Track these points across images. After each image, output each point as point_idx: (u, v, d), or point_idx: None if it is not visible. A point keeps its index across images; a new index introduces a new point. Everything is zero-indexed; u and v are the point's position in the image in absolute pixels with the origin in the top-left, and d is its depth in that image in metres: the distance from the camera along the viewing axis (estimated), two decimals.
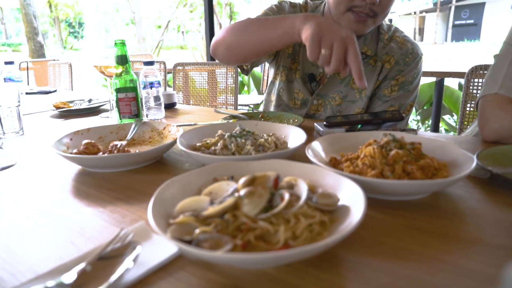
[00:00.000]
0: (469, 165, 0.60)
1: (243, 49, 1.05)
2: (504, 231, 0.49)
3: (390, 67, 1.15)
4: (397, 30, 1.20)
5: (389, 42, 1.16)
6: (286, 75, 1.26)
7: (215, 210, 0.46)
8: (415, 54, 1.15)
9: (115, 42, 1.02)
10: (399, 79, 1.15)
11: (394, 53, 1.15)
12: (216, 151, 0.77)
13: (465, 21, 16.20)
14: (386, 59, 1.15)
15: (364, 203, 0.46)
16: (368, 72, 1.16)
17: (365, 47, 1.15)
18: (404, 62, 1.14)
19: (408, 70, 1.14)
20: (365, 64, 1.17)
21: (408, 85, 1.15)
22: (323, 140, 0.76)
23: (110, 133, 0.93)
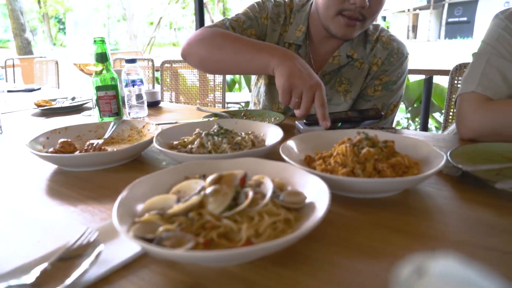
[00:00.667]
0: (439, 163, 0.60)
1: (217, 67, 1.10)
2: (467, 228, 0.50)
3: (377, 68, 1.15)
4: (383, 30, 1.20)
5: (376, 44, 1.16)
6: (268, 78, 1.26)
7: (180, 208, 0.46)
8: (400, 54, 1.15)
9: (94, 39, 1.01)
10: (382, 78, 1.15)
11: (381, 54, 1.15)
12: (192, 149, 0.77)
13: (458, 19, 16.31)
14: (373, 61, 1.15)
15: (327, 200, 0.46)
16: (354, 75, 1.17)
17: (352, 50, 1.15)
18: (389, 62, 1.15)
19: (393, 70, 1.15)
20: (351, 67, 1.17)
21: (392, 84, 1.15)
22: (299, 139, 0.76)
23: (89, 132, 0.92)
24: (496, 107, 0.84)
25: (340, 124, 0.97)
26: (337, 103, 1.19)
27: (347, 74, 1.17)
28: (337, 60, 1.15)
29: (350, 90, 1.17)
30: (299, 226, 0.46)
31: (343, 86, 1.17)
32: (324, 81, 1.18)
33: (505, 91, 0.87)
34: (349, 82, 1.17)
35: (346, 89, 1.17)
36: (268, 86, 1.26)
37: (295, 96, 0.88)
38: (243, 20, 1.19)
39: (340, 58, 1.15)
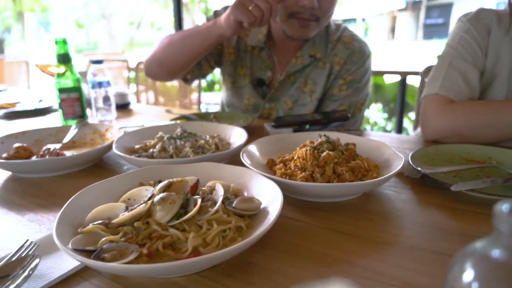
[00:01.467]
0: (398, 165, 0.60)
1: (175, 61, 1.11)
2: (420, 232, 0.50)
3: (340, 68, 1.15)
4: (345, 30, 1.20)
5: (337, 43, 1.16)
6: (232, 82, 1.26)
7: (125, 218, 0.44)
8: (362, 53, 1.16)
9: (55, 40, 0.97)
10: (346, 78, 1.15)
11: (342, 53, 1.15)
12: (154, 153, 0.75)
13: (435, 21, 16.70)
14: (335, 61, 1.16)
15: (279, 207, 0.45)
16: (317, 74, 1.17)
17: (314, 49, 1.15)
18: (352, 61, 1.15)
19: (355, 68, 1.15)
20: (314, 66, 1.17)
21: (357, 83, 1.16)
22: (262, 142, 0.75)
23: (49, 136, 0.89)
24: (457, 110, 0.85)
25: (308, 126, 0.97)
26: (303, 104, 1.19)
27: (312, 75, 1.17)
28: (300, 60, 1.16)
29: (315, 91, 1.18)
30: (251, 234, 0.45)
31: (308, 86, 1.18)
32: (290, 82, 1.19)
33: (466, 92, 0.89)
34: (314, 83, 1.17)
35: (312, 89, 1.18)
36: (233, 89, 1.26)
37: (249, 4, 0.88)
38: None
39: (303, 58, 1.15)
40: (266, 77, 1.21)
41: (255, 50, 1.21)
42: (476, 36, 0.91)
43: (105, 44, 13.48)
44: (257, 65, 1.21)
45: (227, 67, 1.26)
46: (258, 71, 1.21)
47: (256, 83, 1.22)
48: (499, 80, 0.90)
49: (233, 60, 1.24)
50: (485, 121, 0.81)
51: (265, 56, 1.19)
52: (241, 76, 1.24)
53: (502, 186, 0.59)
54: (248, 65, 1.22)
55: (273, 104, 1.22)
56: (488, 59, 0.91)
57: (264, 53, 1.19)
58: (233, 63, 1.24)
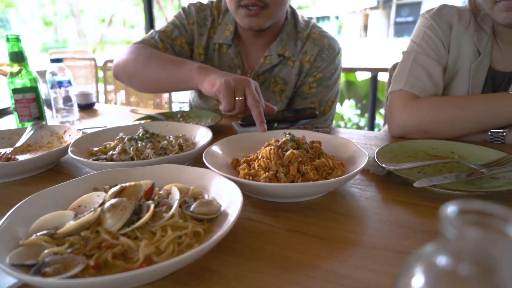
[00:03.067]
0: (363, 162, 0.60)
1: (145, 85, 1.09)
2: (384, 231, 0.49)
3: (310, 66, 1.14)
4: (314, 26, 1.18)
5: (306, 41, 1.15)
6: None
7: (72, 227, 0.41)
8: (331, 50, 1.14)
9: (6, 37, 0.91)
10: (316, 75, 1.14)
11: (312, 51, 1.14)
12: (113, 156, 0.71)
13: (405, 19, 17.18)
14: (305, 59, 1.14)
15: (238, 211, 0.43)
16: (287, 73, 1.15)
17: (282, 48, 1.13)
18: (321, 58, 1.14)
19: (325, 66, 1.14)
20: (283, 65, 1.15)
21: (327, 80, 1.15)
22: (226, 141, 0.73)
23: (1, 140, 0.83)
24: (422, 105, 0.86)
25: (276, 125, 0.95)
26: (274, 103, 1.17)
27: (281, 74, 1.15)
28: (269, 60, 1.13)
29: (285, 90, 1.16)
30: (209, 239, 0.43)
31: (279, 86, 1.16)
32: (259, 82, 1.16)
33: (430, 88, 0.90)
34: (284, 82, 1.16)
35: (282, 88, 1.16)
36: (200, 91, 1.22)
37: (239, 94, 0.80)
38: (171, 29, 1.16)
39: (271, 57, 1.13)
40: None
41: (223, 48, 1.18)
42: (438, 32, 0.92)
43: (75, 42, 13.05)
44: (226, 64, 1.19)
45: None
46: (227, 70, 1.18)
47: None
48: (460, 76, 0.92)
49: (203, 61, 1.20)
50: (448, 116, 0.82)
51: (233, 53, 1.16)
52: None
53: (465, 181, 0.60)
54: (216, 64, 1.19)
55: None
56: (450, 55, 0.93)
57: (232, 51, 1.16)
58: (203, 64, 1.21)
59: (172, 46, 1.15)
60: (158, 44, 1.12)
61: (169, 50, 1.15)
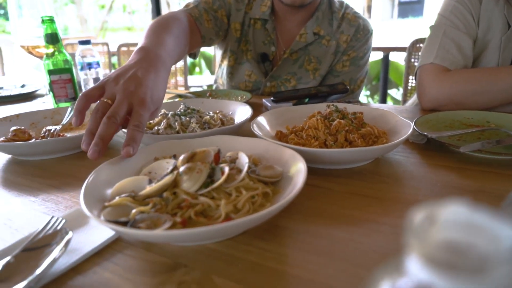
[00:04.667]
0: (406, 131, 0.62)
1: None
2: (436, 191, 0.52)
3: (346, 45, 1.16)
4: (348, 7, 1.20)
5: (342, 21, 1.16)
6: (234, 59, 1.23)
7: (153, 189, 0.44)
8: (366, 31, 1.17)
9: (42, 19, 0.93)
10: (350, 54, 1.16)
11: (348, 31, 1.16)
12: (159, 131, 0.74)
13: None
14: (342, 39, 1.16)
15: (304, 172, 0.46)
16: (321, 52, 1.17)
17: (318, 27, 1.14)
18: (356, 38, 1.16)
19: (359, 45, 1.16)
20: (317, 44, 1.16)
21: (359, 60, 1.17)
22: (269, 115, 0.75)
23: (44, 119, 0.86)
24: (453, 77, 0.88)
25: (307, 100, 0.97)
26: (306, 82, 1.19)
27: (315, 52, 1.17)
28: (304, 38, 1.15)
29: (319, 68, 1.18)
30: (277, 199, 0.46)
31: (312, 64, 1.17)
32: (293, 60, 1.18)
33: (461, 61, 0.91)
34: (318, 60, 1.17)
35: (315, 67, 1.18)
36: (233, 66, 1.23)
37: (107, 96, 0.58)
38: (212, 1, 1.15)
39: (307, 35, 1.14)
40: (270, 52, 1.19)
41: (258, 23, 1.18)
42: (468, 4, 0.93)
43: (75, 30, 12.95)
44: (260, 40, 1.19)
45: (232, 44, 1.22)
46: (262, 46, 1.19)
47: (260, 58, 1.20)
48: (490, 48, 0.93)
49: (238, 37, 1.21)
50: (480, 87, 0.84)
51: (270, 29, 1.16)
52: (243, 51, 1.21)
53: (506, 146, 0.62)
54: (251, 39, 1.19)
55: (274, 82, 1.20)
56: (479, 27, 0.94)
57: (269, 26, 1.16)
58: (238, 40, 1.21)
59: (215, 17, 1.14)
60: (202, 15, 1.10)
61: (211, 21, 1.12)
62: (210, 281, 0.36)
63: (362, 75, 1.21)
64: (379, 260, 0.38)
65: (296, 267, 0.37)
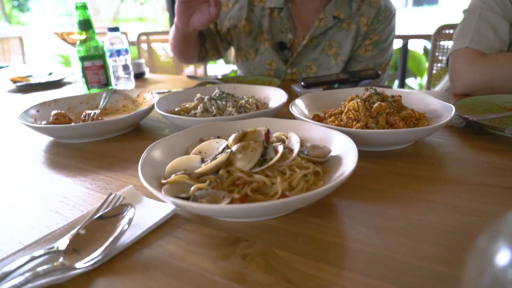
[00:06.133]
0: (448, 114, 0.62)
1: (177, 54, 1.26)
2: (482, 171, 0.52)
3: (367, 29, 1.13)
4: None
5: (362, 3, 1.14)
6: (254, 52, 1.24)
7: (209, 167, 0.45)
8: (388, 12, 1.14)
9: (75, 5, 0.94)
10: (372, 38, 1.14)
11: (369, 13, 1.13)
12: (196, 114, 0.75)
13: None
14: (362, 22, 1.13)
15: (355, 152, 0.46)
16: (342, 36, 1.15)
17: (337, 10, 1.13)
18: (378, 20, 1.13)
19: (382, 28, 1.13)
20: (338, 28, 1.14)
21: (382, 43, 1.15)
22: (304, 98, 0.75)
23: (80, 104, 0.88)
24: (489, 62, 0.86)
25: (337, 86, 0.97)
26: (328, 67, 1.18)
27: (336, 37, 1.15)
28: (324, 23, 1.13)
29: (340, 53, 1.16)
30: (328, 178, 0.47)
31: (333, 49, 1.16)
32: (313, 46, 1.17)
33: (497, 45, 0.90)
34: (339, 45, 1.16)
35: (337, 52, 1.16)
36: (253, 60, 1.26)
37: None
38: None
39: (327, 20, 1.13)
40: (287, 40, 1.19)
41: (274, 12, 1.18)
42: None
43: None
44: (277, 28, 1.19)
45: (244, 41, 1.25)
46: (279, 34, 1.19)
47: (278, 47, 1.20)
48: None
49: (249, 32, 1.23)
50: None
51: (286, 17, 1.16)
52: (261, 42, 1.22)
53: None
54: (267, 29, 1.19)
55: (295, 69, 1.20)
56: None
57: (284, 14, 1.16)
58: (250, 34, 1.23)
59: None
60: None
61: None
62: (273, 254, 0.37)
63: (387, 58, 1.18)
64: (438, 235, 0.38)
65: (355, 241, 0.38)
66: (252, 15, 1.21)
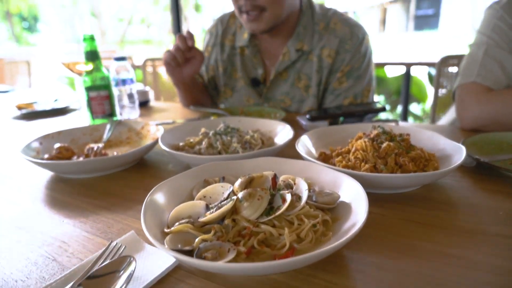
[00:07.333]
0: (459, 155, 0.60)
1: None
2: (498, 219, 0.50)
3: (332, 60, 1.10)
4: (334, 15, 1.13)
5: (325, 33, 1.10)
6: (231, 90, 1.27)
7: (214, 216, 0.43)
8: (355, 38, 1.09)
9: (83, 37, 0.95)
10: (343, 69, 1.10)
11: (332, 44, 1.09)
12: (201, 150, 0.74)
13: (425, 12, 16.86)
14: (324, 53, 1.10)
15: (366, 201, 0.44)
16: (309, 68, 1.13)
17: (300, 43, 1.11)
18: (344, 50, 1.09)
19: (350, 57, 1.09)
20: (304, 60, 1.13)
21: (356, 71, 1.10)
22: (310, 135, 0.74)
23: (83, 135, 0.87)
24: (497, 98, 0.85)
25: (342, 119, 0.96)
26: (301, 100, 1.17)
27: (304, 69, 1.14)
28: (287, 56, 1.13)
29: (311, 85, 1.14)
30: (338, 227, 0.45)
31: (303, 82, 1.15)
32: (283, 80, 1.16)
33: (504, 81, 0.89)
34: (308, 77, 1.14)
35: (306, 84, 1.15)
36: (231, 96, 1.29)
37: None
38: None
39: (290, 53, 1.12)
40: (258, 76, 1.21)
41: (244, 50, 1.22)
42: (510, 22, 0.91)
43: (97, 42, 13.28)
44: (248, 65, 1.22)
45: (220, 80, 1.29)
46: (251, 71, 1.22)
47: (251, 83, 1.22)
48: None
49: (223, 71, 1.26)
50: None
51: (252, 54, 1.19)
52: (236, 79, 1.25)
53: None
54: (240, 67, 1.23)
55: (272, 102, 1.21)
56: None
57: (250, 52, 1.19)
58: (225, 73, 1.26)
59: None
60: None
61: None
62: None
63: (366, 84, 1.12)
64: None
65: None
66: (224, 55, 1.25)
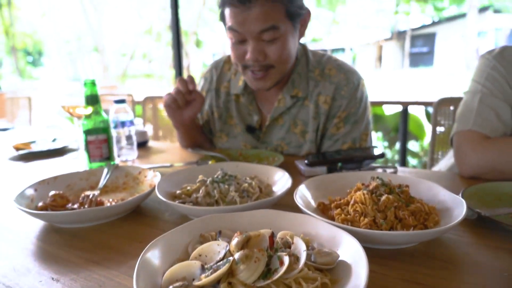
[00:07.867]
0: (459, 209, 0.59)
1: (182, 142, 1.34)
2: (503, 282, 0.48)
3: (329, 106, 1.11)
4: (329, 61, 1.15)
5: (321, 78, 1.12)
6: (226, 136, 1.28)
7: (209, 280, 0.42)
8: (350, 84, 1.10)
9: (84, 81, 0.96)
10: (340, 115, 1.11)
11: (327, 91, 1.11)
12: (198, 199, 0.73)
13: (420, 49, 17.45)
14: (321, 100, 1.12)
15: (366, 263, 0.43)
16: (305, 114, 1.14)
17: (295, 89, 1.13)
18: (340, 96, 1.10)
19: (347, 103, 1.10)
20: (300, 106, 1.15)
21: (353, 116, 1.11)
22: (308, 184, 0.73)
23: (80, 180, 0.86)
24: (494, 146, 0.86)
25: (340, 165, 0.96)
26: (298, 145, 1.17)
27: (300, 115, 1.15)
28: (282, 103, 1.15)
29: (307, 131, 1.15)
30: None
31: (299, 127, 1.16)
32: (278, 125, 1.18)
33: (500, 128, 0.90)
34: (304, 123, 1.15)
35: (302, 130, 1.16)
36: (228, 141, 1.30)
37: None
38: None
39: (285, 100, 1.14)
40: (254, 123, 1.22)
41: (239, 98, 1.24)
42: (503, 72, 0.93)
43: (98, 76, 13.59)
44: (244, 112, 1.24)
45: (215, 125, 1.30)
46: (247, 118, 1.24)
47: (247, 129, 1.23)
48: None
49: (218, 117, 1.28)
50: None
51: (247, 101, 1.21)
52: (231, 126, 1.26)
53: None
54: (235, 113, 1.24)
55: (269, 147, 1.22)
56: None
57: (246, 99, 1.21)
58: (220, 119, 1.28)
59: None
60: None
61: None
62: None
63: (363, 129, 1.13)
64: None
65: None
66: (220, 101, 1.27)
